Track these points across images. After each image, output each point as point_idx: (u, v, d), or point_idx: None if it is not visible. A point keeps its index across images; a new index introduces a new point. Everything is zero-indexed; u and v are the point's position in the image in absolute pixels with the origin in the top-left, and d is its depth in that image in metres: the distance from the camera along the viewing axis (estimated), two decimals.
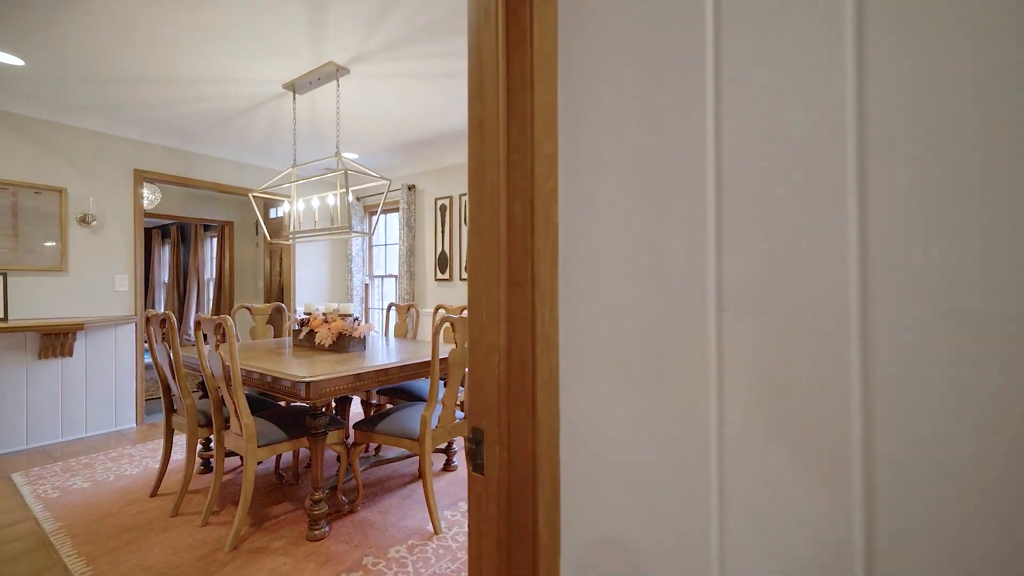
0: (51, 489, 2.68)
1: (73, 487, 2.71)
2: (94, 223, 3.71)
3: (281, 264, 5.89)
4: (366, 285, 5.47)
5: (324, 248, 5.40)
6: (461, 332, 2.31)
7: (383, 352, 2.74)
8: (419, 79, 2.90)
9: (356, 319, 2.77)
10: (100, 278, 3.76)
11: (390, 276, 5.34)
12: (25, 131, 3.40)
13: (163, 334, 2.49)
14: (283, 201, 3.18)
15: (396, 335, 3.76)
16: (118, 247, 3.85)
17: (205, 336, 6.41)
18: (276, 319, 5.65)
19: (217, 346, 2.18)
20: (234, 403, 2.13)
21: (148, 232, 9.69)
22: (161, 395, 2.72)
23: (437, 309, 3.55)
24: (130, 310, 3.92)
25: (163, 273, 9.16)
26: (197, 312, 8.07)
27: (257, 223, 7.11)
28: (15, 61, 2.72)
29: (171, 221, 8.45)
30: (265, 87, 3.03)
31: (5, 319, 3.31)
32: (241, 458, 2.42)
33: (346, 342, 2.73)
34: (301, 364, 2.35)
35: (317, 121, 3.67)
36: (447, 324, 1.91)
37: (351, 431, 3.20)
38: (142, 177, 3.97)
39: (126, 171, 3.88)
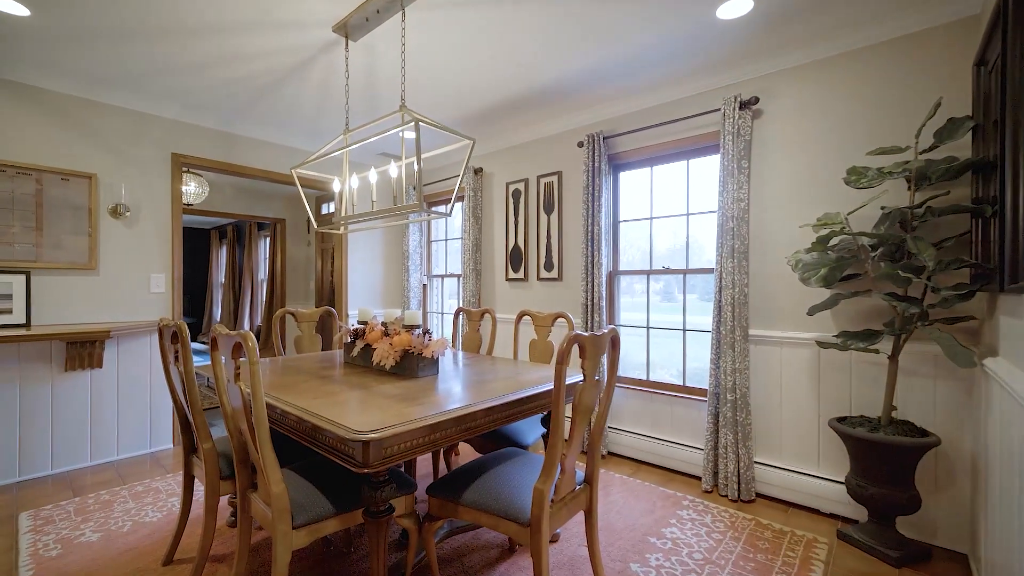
0: (52, 543, 2.13)
1: (79, 540, 2.15)
2: (127, 215, 3.23)
3: (332, 263, 5.36)
4: (424, 286, 4.80)
5: (378, 245, 4.79)
6: (592, 356, 1.49)
7: (464, 380, 1.98)
8: (507, 5, 2.12)
9: (427, 332, 2.03)
10: (134, 278, 3.28)
11: (451, 275, 4.64)
12: (50, 108, 2.95)
13: (176, 352, 1.85)
14: (333, 181, 2.50)
15: (466, 348, 3.01)
16: (154, 242, 3.36)
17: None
18: (326, 325, 5.11)
19: (236, 374, 1.49)
20: (259, 455, 1.43)
21: (206, 232, 9.66)
22: (180, 430, 2.10)
23: (520, 316, 2.76)
24: (168, 314, 3.43)
25: (220, 274, 9.05)
26: (251, 314, 7.81)
27: (308, 220, 6.68)
28: (19, 10, 2.21)
29: (225, 220, 8.28)
30: (312, 33, 2.37)
31: (28, 325, 2.86)
32: None
33: (413, 363, 1.99)
34: (354, 400, 1.62)
35: (372, 84, 2.99)
36: (577, 345, 1.20)
37: (416, 490, 2.47)
38: (181, 162, 3.47)
39: (163, 155, 3.39)
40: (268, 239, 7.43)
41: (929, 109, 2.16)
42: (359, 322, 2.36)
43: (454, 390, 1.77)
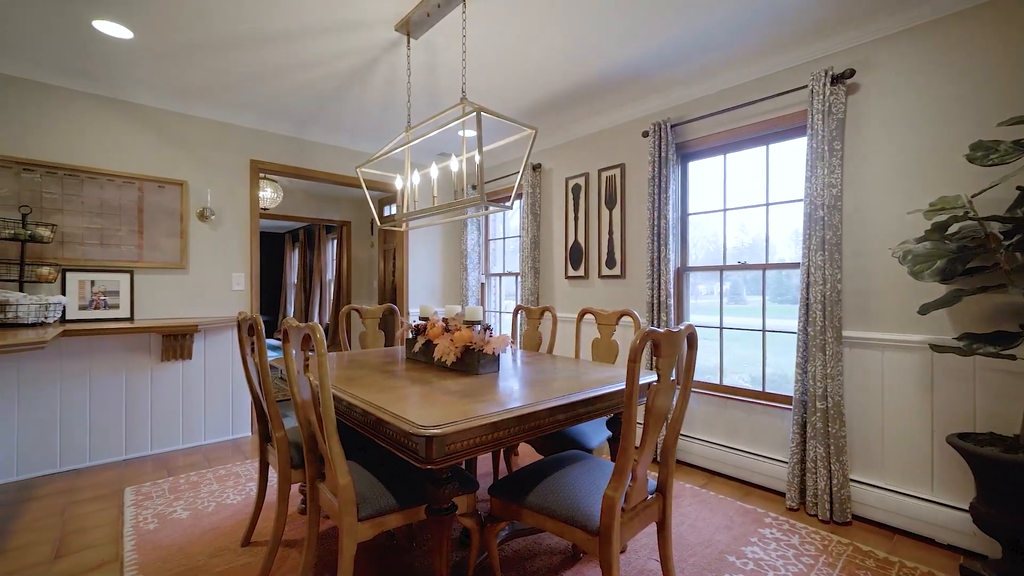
0: (150, 517, 2.32)
1: (171, 516, 2.33)
2: (212, 218, 3.49)
3: (394, 263, 5.52)
4: (482, 284, 4.80)
5: (437, 244, 4.85)
6: (668, 356, 1.36)
7: (525, 378, 1.91)
8: None
9: (487, 328, 1.99)
10: (218, 276, 3.54)
11: (509, 274, 4.60)
12: (148, 122, 3.25)
13: (252, 344, 1.94)
14: (396, 179, 2.52)
15: (525, 347, 2.95)
16: (235, 244, 3.61)
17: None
18: (388, 322, 5.27)
19: (306, 366, 1.52)
20: (327, 446, 1.44)
21: (281, 236, 10.37)
22: (256, 419, 2.20)
23: (582, 314, 2.65)
24: (247, 310, 3.67)
25: (292, 275, 9.67)
26: (320, 312, 8.26)
27: (372, 221, 6.96)
28: (124, 34, 2.44)
29: (297, 223, 8.83)
30: (375, 33, 2.41)
31: (131, 319, 3.17)
32: None
33: (474, 360, 1.96)
34: (416, 395, 1.60)
35: (432, 82, 3.01)
36: (651, 342, 1.09)
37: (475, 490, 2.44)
38: (258, 168, 3.71)
39: (243, 162, 3.64)
40: (335, 241, 7.83)
41: None
42: (420, 318, 2.37)
43: (516, 388, 1.70)
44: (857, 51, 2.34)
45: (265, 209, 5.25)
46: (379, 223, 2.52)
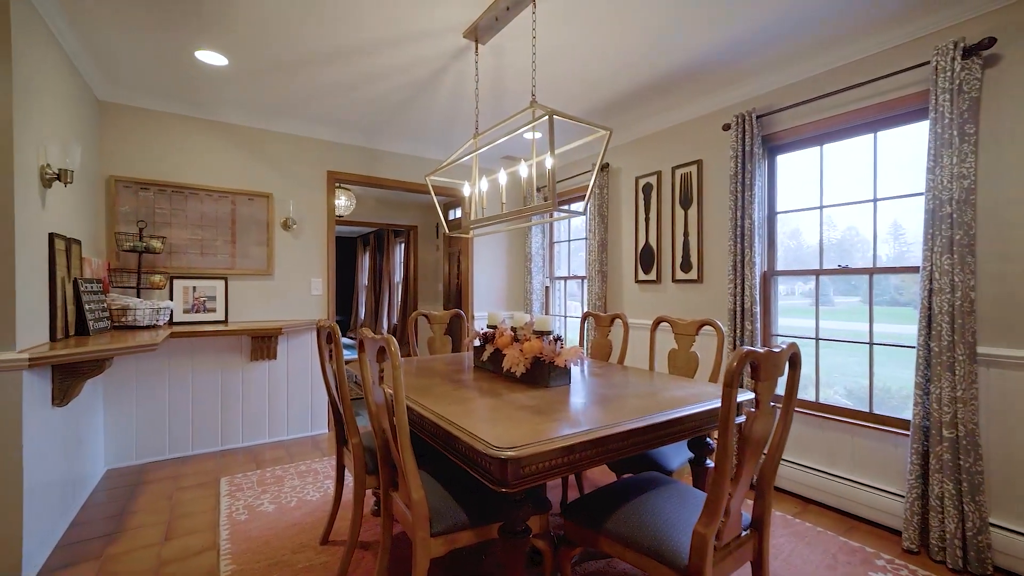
0: (242, 508, 2.50)
1: (259, 508, 2.49)
2: (294, 227, 3.72)
3: (459, 266, 5.59)
4: (547, 288, 4.73)
5: (501, 247, 4.85)
6: (769, 378, 1.21)
7: (599, 393, 1.81)
8: None
9: (558, 338, 1.91)
10: (299, 282, 3.76)
11: (574, 277, 4.48)
12: (239, 139, 3.52)
13: (330, 351, 2.01)
14: (463, 185, 2.51)
15: (594, 356, 2.83)
16: (314, 251, 3.82)
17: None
18: (454, 327, 5.35)
19: (381, 377, 1.53)
20: (401, 458, 1.44)
21: (352, 241, 10.97)
22: (333, 421, 2.29)
23: (657, 322, 2.48)
24: (324, 314, 3.87)
25: (363, 277, 10.19)
26: (388, 313, 8.61)
27: (437, 225, 7.13)
28: (221, 61, 2.65)
29: (368, 228, 9.27)
30: (443, 41, 2.42)
31: (226, 322, 3.45)
32: None
33: (544, 372, 1.88)
34: (487, 409, 1.56)
35: (499, 88, 2.98)
36: (750, 364, 0.97)
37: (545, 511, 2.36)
38: (334, 178, 3.90)
39: (320, 173, 3.84)
40: (403, 245, 8.12)
41: None
42: (488, 326, 2.34)
43: (589, 405, 1.60)
44: (997, 16, 1.98)
45: (340, 216, 5.54)
46: (447, 230, 2.53)
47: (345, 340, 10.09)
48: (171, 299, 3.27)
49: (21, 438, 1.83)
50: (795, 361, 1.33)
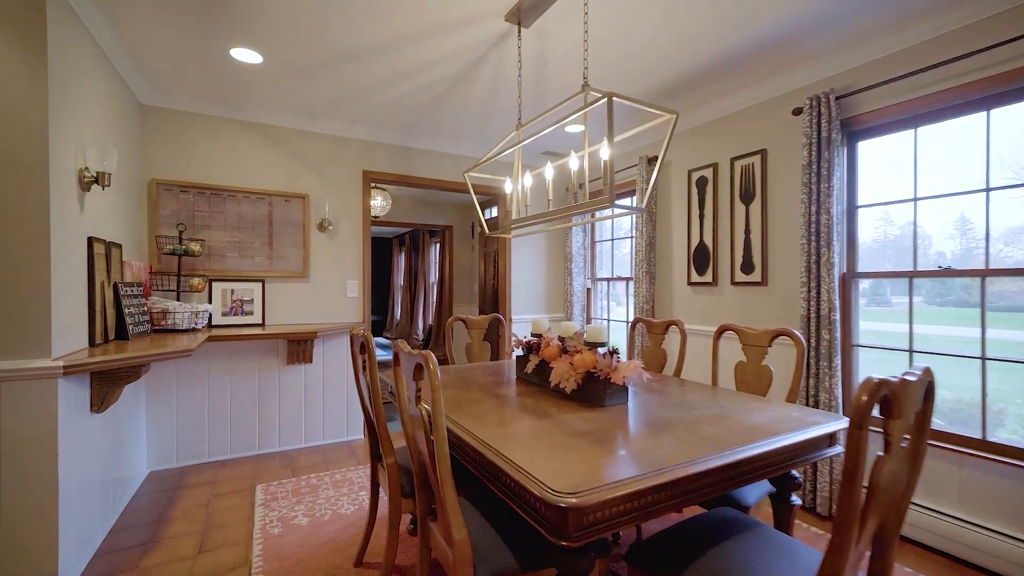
0: (276, 520, 2.41)
1: (293, 521, 2.39)
2: (330, 228, 3.65)
3: (496, 266, 5.43)
4: (588, 290, 4.48)
5: (540, 247, 4.64)
6: (905, 415, 0.95)
7: (662, 415, 1.57)
8: None
9: (614, 351, 1.69)
10: (334, 284, 3.69)
11: (618, 279, 4.22)
12: (275, 140, 3.48)
13: (363, 362, 1.87)
14: (504, 182, 2.29)
15: (646, 367, 2.58)
16: (349, 252, 3.74)
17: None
18: (493, 331, 5.18)
19: (418, 397, 1.36)
20: (440, 491, 1.26)
21: (389, 241, 11.03)
22: (367, 434, 2.16)
23: (721, 331, 2.21)
24: (359, 317, 3.79)
25: (399, 277, 10.23)
26: (424, 314, 8.57)
27: (473, 224, 7.00)
28: (255, 58, 2.57)
29: (403, 229, 9.28)
30: (484, 26, 2.24)
31: (263, 325, 3.42)
32: None
33: (599, 390, 1.67)
34: (537, 435, 1.36)
35: (541, 75, 2.77)
36: (885, 396, 0.77)
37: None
38: (369, 178, 3.81)
39: (356, 173, 3.76)
40: (438, 245, 8.05)
41: None
42: (532, 334, 2.14)
43: (656, 432, 1.38)
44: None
45: (376, 217, 5.49)
46: (487, 231, 2.35)
47: (381, 340, 10.16)
48: (210, 302, 3.26)
49: (57, 446, 1.78)
50: (930, 392, 1.06)
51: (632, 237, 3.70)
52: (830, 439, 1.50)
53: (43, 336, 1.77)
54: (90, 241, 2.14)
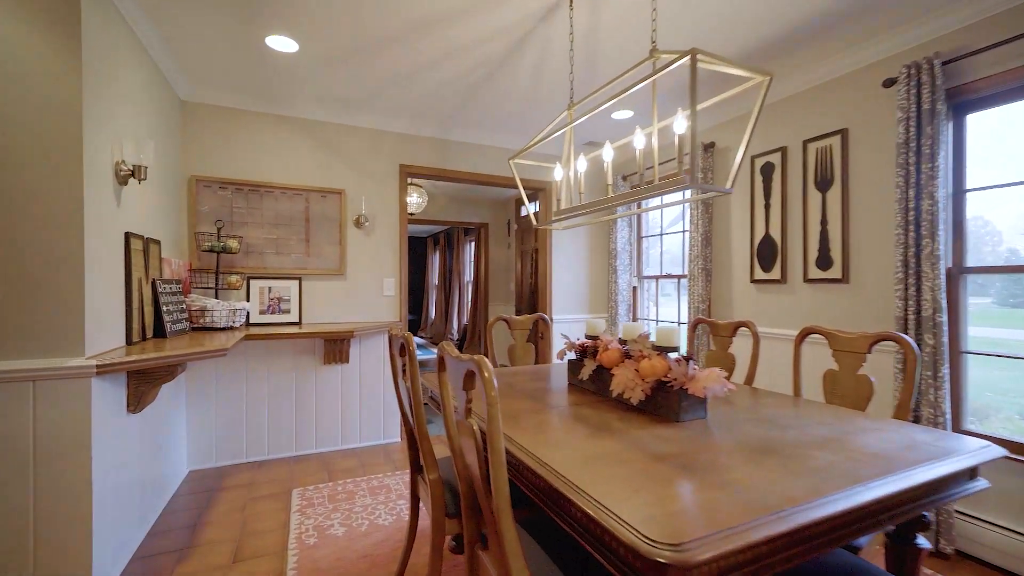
0: (311, 529, 2.30)
1: (329, 531, 2.27)
2: (366, 224, 3.55)
3: (533, 264, 5.23)
4: (634, 289, 4.21)
5: (581, 242, 4.40)
6: None
7: (752, 434, 1.32)
8: None
9: (689, 359, 1.44)
10: (371, 282, 3.59)
11: (668, 276, 3.93)
12: (312, 135, 3.40)
13: (403, 365, 1.70)
14: (554, 168, 2.08)
15: None
16: (386, 250, 3.63)
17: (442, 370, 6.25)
18: (534, 332, 4.98)
19: (468, 410, 1.17)
20: (497, 522, 1.07)
21: (423, 240, 11.02)
22: (407, 444, 2.00)
23: (805, 334, 1.92)
24: (396, 316, 3.67)
25: (434, 276, 10.18)
26: (459, 313, 8.47)
27: (509, 221, 6.82)
28: (291, 47, 2.47)
29: (438, 227, 9.21)
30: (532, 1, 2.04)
31: (299, 324, 3.35)
32: None
33: (673, 402, 1.43)
34: (608, 457, 1.14)
35: (593, 51, 2.55)
36: None
37: None
38: (407, 172, 3.68)
39: (393, 168, 3.64)
40: (473, 243, 7.92)
41: None
42: (587, 336, 1.92)
43: (757, 457, 1.13)
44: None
45: (412, 214, 5.39)
46: (535, 222, 2.15)
47: (418, 340, 10.15)
48: (247, 300, 3.21)
49: (91, 447, 1.71)
50: None
51: (685, 231, 3.41)
52: (971, 473, 1.21)
53: (76, 334, 1.69)
54: (127, 236, 2.08)
